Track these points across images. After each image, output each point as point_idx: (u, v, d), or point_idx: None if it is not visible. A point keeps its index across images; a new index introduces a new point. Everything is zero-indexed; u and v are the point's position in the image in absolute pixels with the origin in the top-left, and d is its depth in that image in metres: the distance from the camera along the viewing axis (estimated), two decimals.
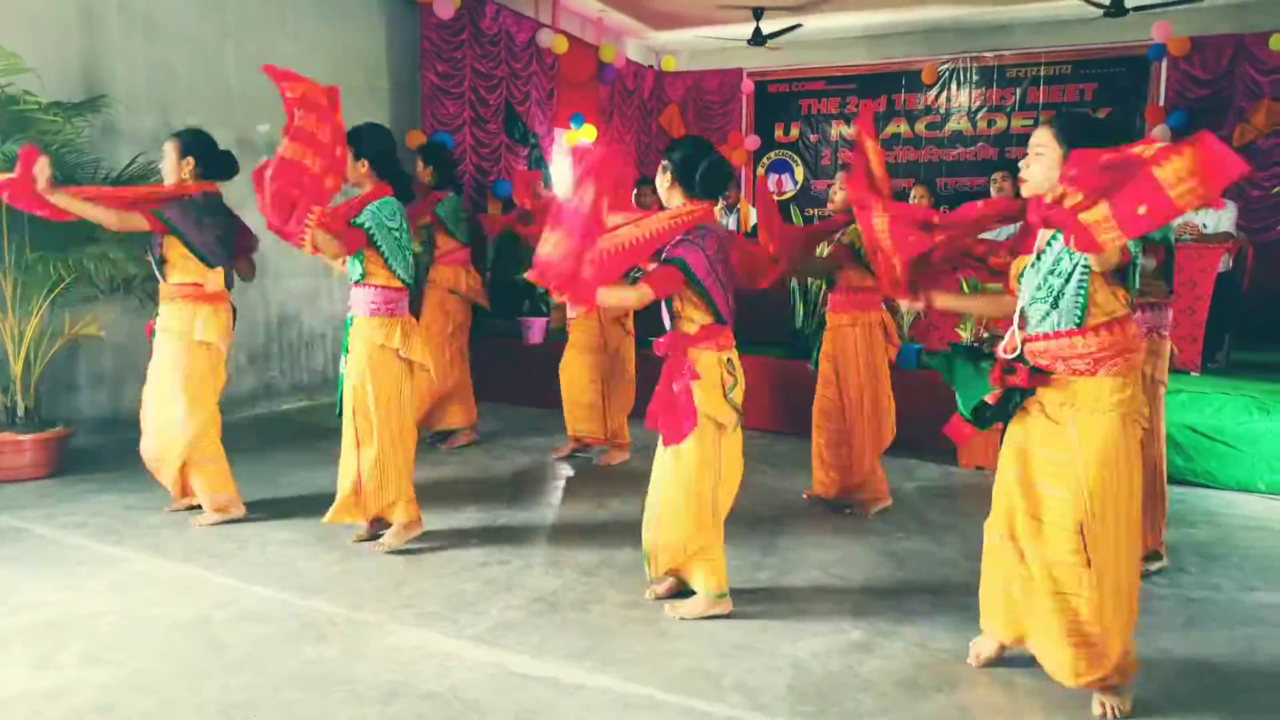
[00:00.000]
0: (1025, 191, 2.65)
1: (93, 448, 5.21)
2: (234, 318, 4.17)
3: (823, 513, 4.50)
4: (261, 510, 4.32)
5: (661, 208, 3.26)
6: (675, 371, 3.15)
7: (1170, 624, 3.25)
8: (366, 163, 3.72)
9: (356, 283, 3.75)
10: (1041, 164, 2.59)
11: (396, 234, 3.70)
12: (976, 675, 2.85)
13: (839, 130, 11.15)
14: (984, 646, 2.90)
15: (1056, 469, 2.59)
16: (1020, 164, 2.67)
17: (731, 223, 8.45)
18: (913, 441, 5.01)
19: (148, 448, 4.13)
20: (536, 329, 7.08)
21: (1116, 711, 2.60)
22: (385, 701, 2.64)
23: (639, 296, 3.06)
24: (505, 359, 6.96)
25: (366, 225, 3.62)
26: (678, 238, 3.08)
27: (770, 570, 3.74)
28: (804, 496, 4.66)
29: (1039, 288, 2.58)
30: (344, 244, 3.60)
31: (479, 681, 2.77)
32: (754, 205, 10.15)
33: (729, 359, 3.18)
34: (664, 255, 3.09)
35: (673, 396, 3.13)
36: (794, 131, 11.42)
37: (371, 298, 3.72)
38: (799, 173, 11.40)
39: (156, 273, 4.09)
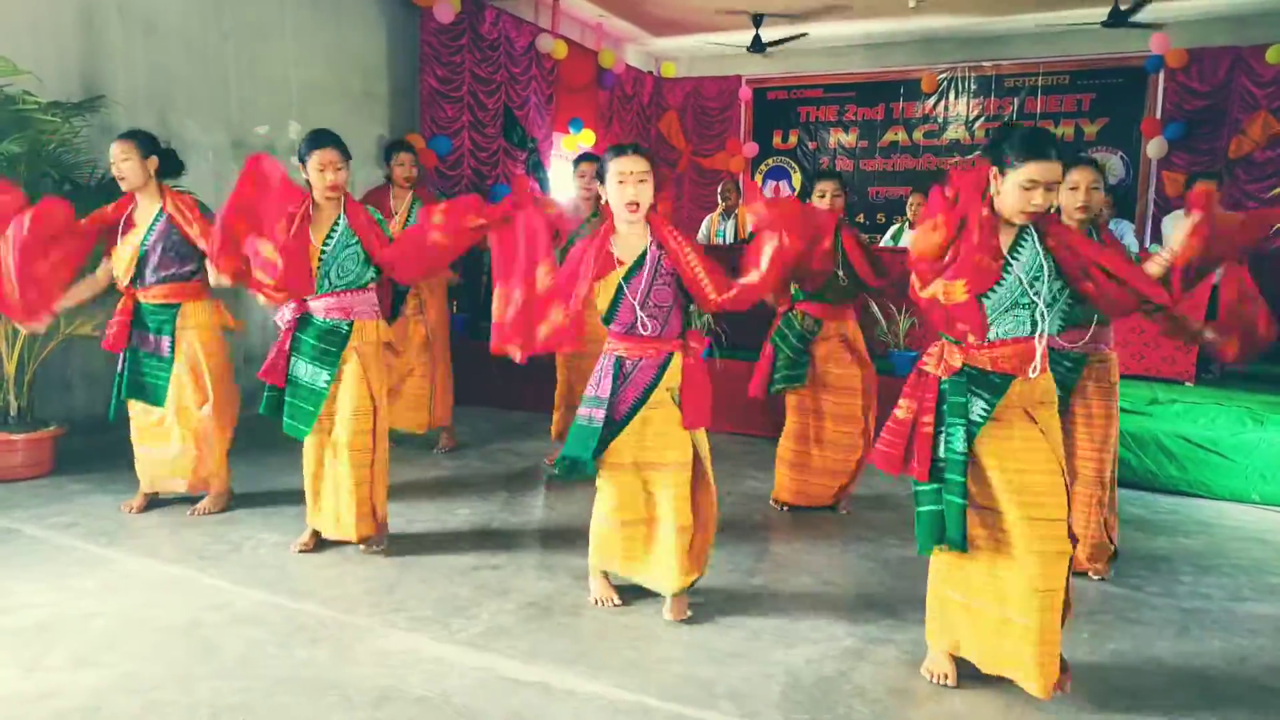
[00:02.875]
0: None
1: (85, 448, 5.19)
2: None
3: (815, 520, 4.49)
4: (254, 512, 4.32)
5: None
6: (702, 366, 3.28)
7: (1163, 633, 3.26)
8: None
9: (363, 287, 3.72)
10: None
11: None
12: (969, 683, 2.84)
13: (837, 138, 11.17)
14: (945, 664, 2.88)
15: (1036, 464, 2.62)
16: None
17: (730, 228, 8.47)
18: None
19: (175, 452, 4.21)
20: None
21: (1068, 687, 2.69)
22: (376, 706, 2.63)
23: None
24: (500, 363, 6.93)
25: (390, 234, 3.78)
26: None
27: (763, 577, 3.74)
28: (780, 508, 4.63)
29: (1042, 293, 2.60)
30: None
31: (470, 686, 2.76)
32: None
33: None
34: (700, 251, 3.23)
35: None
36: (792, 139, 11.44)
37: (373, 300, 3.78)
38: (796, 180, 11.41)
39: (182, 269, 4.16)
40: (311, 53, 7.00)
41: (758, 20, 9.61)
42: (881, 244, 7.86)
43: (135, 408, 4.25)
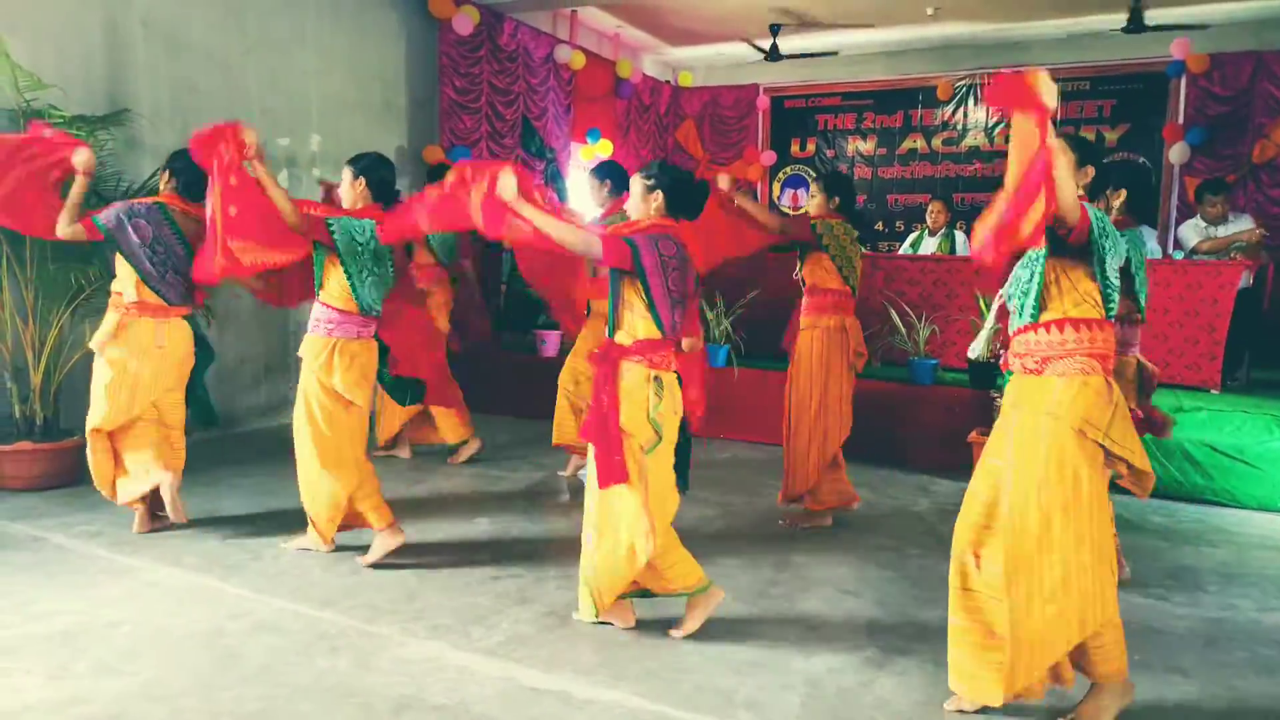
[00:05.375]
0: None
1: None
2: (195, 331, 4.22)
3: (836, 530, 4.47)
4: (275, 522, 4.34)
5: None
6: (603, 384, 3.07)
7: (1189, 644, 3.22)
8: (363, 181, 3.79)
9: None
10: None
11: (359, 249, 3.68)
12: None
13: (855, 145, 11.16)
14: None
15: (998, 476, 2.51)
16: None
17: None
18: (926, 457, 4.98)
19: None
20: (551, 342, 7.10)
21: None
22: (396, 713, 2.64)
23: (584, 241, 2.95)
24: (520, 372, 6.97)
25: (331, 225, 3.63)
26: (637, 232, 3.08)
27: (783, 587, 3.72)
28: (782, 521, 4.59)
29: (1013, 281, 2.50)
30: (302, 223, 3.56)
31: (490, 695, 2.76)
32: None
33: (657, 377, 3.06)
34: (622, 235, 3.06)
35: (602, 416, 3.05)
36: (810, 147, 11.43)
37: (317, 314, 3.81)
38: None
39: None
40: (332, 65, 7.07)
41: (775, 29, 9.61)
42: (901, 251, 7.82)
43: None
